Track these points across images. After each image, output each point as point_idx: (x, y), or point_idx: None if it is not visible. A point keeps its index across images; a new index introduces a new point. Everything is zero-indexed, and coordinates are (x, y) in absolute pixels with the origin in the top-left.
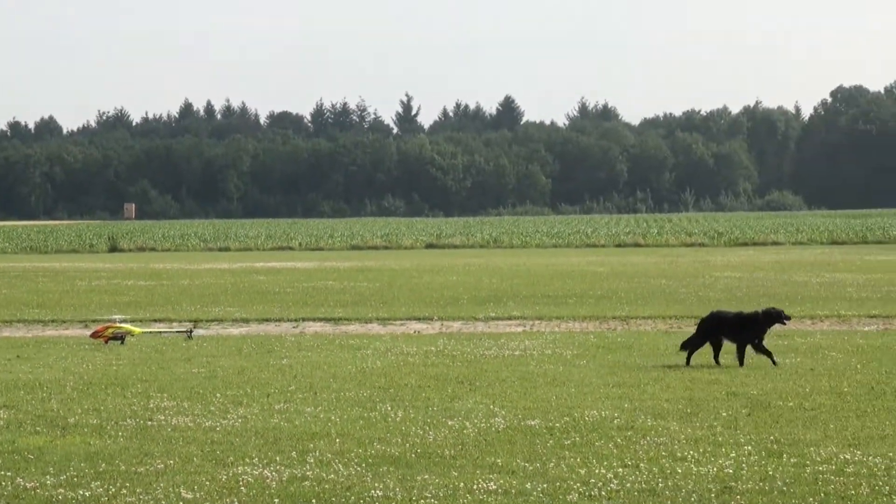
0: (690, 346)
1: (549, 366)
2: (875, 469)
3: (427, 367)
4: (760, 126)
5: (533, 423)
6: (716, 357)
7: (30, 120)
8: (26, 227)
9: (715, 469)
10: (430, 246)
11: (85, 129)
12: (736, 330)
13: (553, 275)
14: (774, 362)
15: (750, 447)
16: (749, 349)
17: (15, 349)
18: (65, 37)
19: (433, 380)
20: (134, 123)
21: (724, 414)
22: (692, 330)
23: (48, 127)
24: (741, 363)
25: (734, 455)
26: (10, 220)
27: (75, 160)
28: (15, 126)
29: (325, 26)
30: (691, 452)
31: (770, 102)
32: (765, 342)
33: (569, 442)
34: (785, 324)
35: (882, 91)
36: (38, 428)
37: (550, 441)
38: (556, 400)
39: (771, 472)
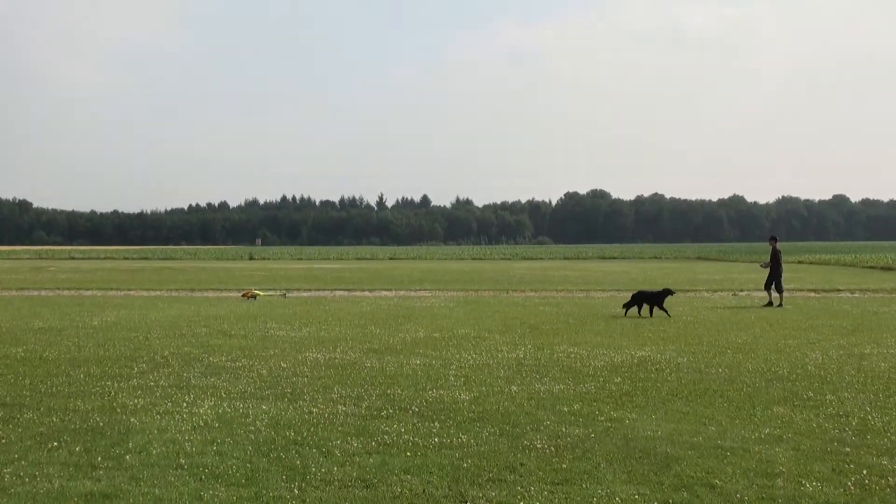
0: (627, 306)
1: (443, 310)
2: (582, 355)
3: (390, 310)
4: (535, 208)
5: (436, 335)
6: (639, 312)
7: (215, 201)
8: (213, 248)
9: (515, 355)
10: (391, 258)
11: (239, 207)
12: (650, 298)
13: (445, 271)
14: (668, 315)
15: (531, 346)
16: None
17: (209, 301)
18: (232, 150)
19: (392, 316)
20: (261, 203)
21: (519, 331)
22: (505, 296)
23: (225, 205)
24: (653, 314)
25: (523, 349)
26: (206, 245)
27: (236, 219)
28: (209, 204)
29: (344, 153)
30: (504, 348)
31: (538, 197)
32: (664, 305)
33: (452, 343)
34: (672, 293)
35: (585, 193)
36: (218, 336)
37: (443, 343)
38: (446, 325)
39: (539, 356)
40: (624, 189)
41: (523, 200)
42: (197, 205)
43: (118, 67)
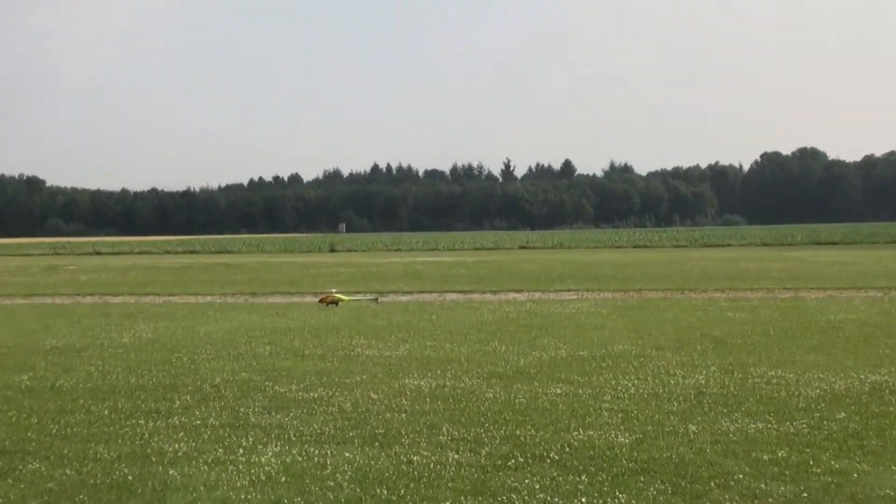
0: None
1: (592, 318)
2: (789, 381)
3: (520, 320)
4: (719, 175)
5: (583, 353)
6: None
7: (285, 174)
8: (282, 238)
9: (693, 381)
10: (522, 247)
11: (317, 180)
12: None
13: (594, 264)
14: None
15: (715, 367)
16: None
17: (275, 309)
18: (300, 123)
19: (523, 327)
20: (344, 176)
21: (699, 347)
22: (679, 297)
23: (296, 178)
24: None
25: (705, 373)
26: (273, 234)
27: (311, 197)
28: (276, 178)
29: (459, 113)
30: (679, 371)
31: (724, 161)
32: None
33: (605, 364)
34: None
35: (789, 154)
36: (287, 356)
37: (594, 364)
38: (597, 339)
39: (727, 383)
40: (846, 147)
41: (703, 165)
42: (260, 179)
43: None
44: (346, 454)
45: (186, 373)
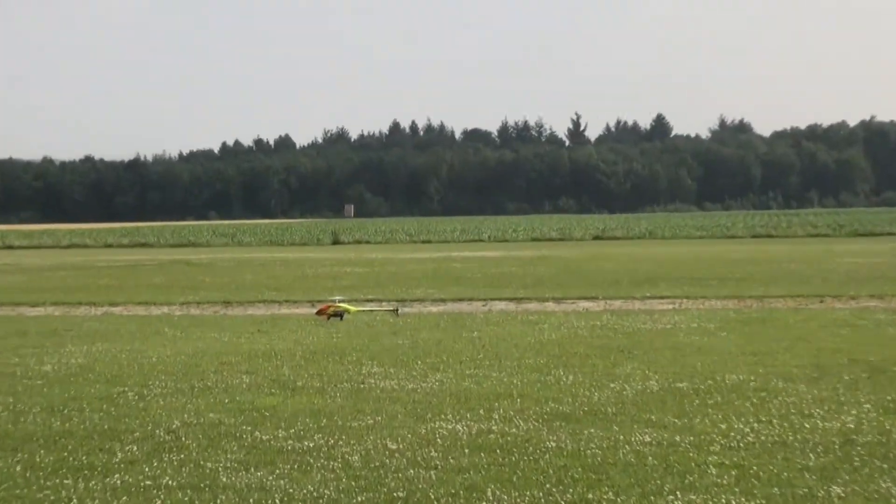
0: None
1: (695, 337)
2: None
3: (593, 339)
4: (875, 136)
5: (681, 385)
6: None
7: (270, 137)
8: (266, 225)
9: (838, 424)
10: (596, 238)
11: (314, 145)
12: None
13: (698, 261)
14: None
15: (869, 405)
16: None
17: (256, 324)
18: (295, 68)
19: (598, 349)
20: (352, 139)
21: (847, 377)
22: (818, 308)
23: (285, 143)
24: None
25: (855, 412)
26: (254, 219)
27: (306, 169)
28: (259, 142)
29: (503, 56)
30: (817, 410)
31: (883, 116)
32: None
33: (712, 401)
34: None
35: None
36: (272, 390)
37: (696, 401)
38: (701, 366)
39: (888, 427)
40: None
41: (852, 122)
42: (237, 144)
43: None
44: None
45: (133, 414)
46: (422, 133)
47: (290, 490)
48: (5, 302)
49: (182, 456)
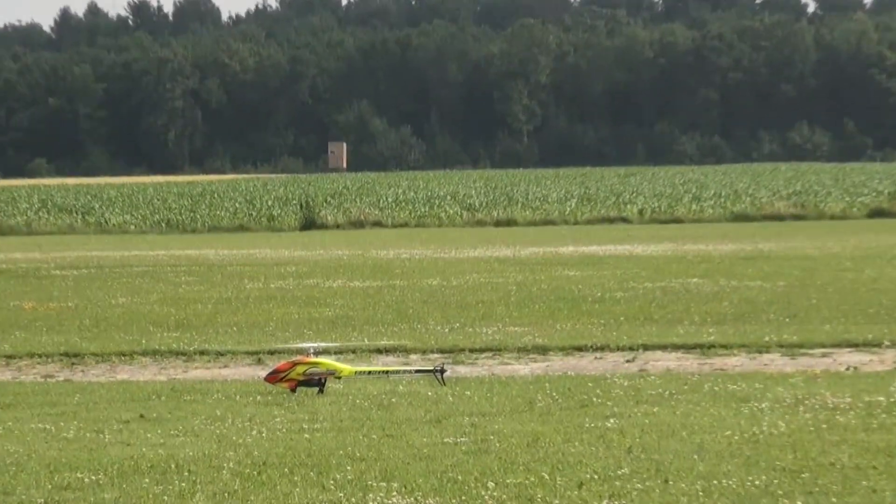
0: None
1: None
2: None
3: (870, 434)
4: None
5: None
6: None
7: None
8: (161, 187)
9: None
10: (874, 214)
11: (260, 13)
12: None
13: None
14: None
15: None
16: None
17: (138, 403)
18: None
19: (883, 455)
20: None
21: None
22: None
23: (196, 10)
24: None
25: None
26: (137, 175)
27: (243, 68)
28: (141, 7)
29: None
30: None
31: None
32: None
33: None
34: None
35: None
36: None
37: None
38: None
39: None
40: None
41: None
42: (119, 19)
43: None
44: None
45: None
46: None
47: None
48: None
49: None
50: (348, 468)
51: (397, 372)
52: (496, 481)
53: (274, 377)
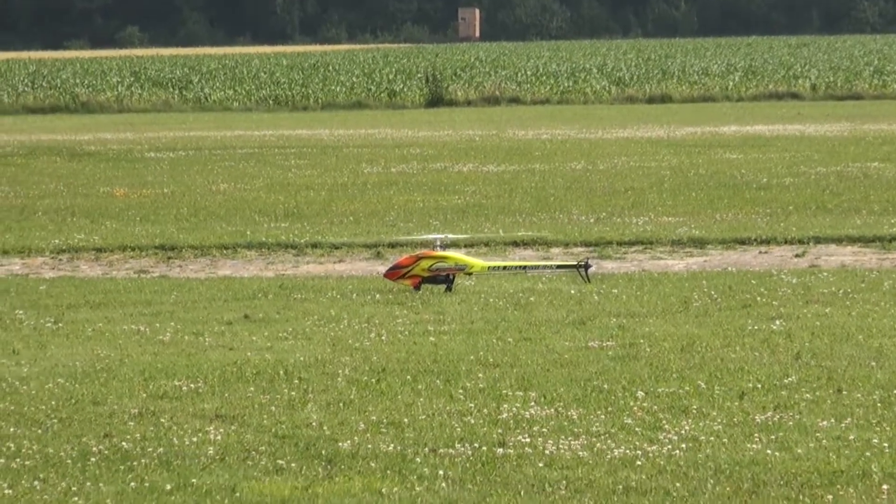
0: None
1: None
2: None
3: None
4: None
5: None
6: None
7: None
8: (267, 59)
9: None
10: None
11: None
12: None
13: None
14: None
15: None
16: None
17: (241, 302)
18: None
19: None
20: None
21: None
22: None
23: None
24: None
25: None
26: (240, 45)
27: None
28: None
29: None
30: None
31: None
32: None
33: None
34: None
35: None
36: (279, 461)
37: None
38: None
39: None
40: None
41: None
42: None
43: None
44: None
45: None
46: None
47: None
48: None
49: None
50: (480, 375)
51: (536, 267)
52: (646, 391)
53: (395, 273)
